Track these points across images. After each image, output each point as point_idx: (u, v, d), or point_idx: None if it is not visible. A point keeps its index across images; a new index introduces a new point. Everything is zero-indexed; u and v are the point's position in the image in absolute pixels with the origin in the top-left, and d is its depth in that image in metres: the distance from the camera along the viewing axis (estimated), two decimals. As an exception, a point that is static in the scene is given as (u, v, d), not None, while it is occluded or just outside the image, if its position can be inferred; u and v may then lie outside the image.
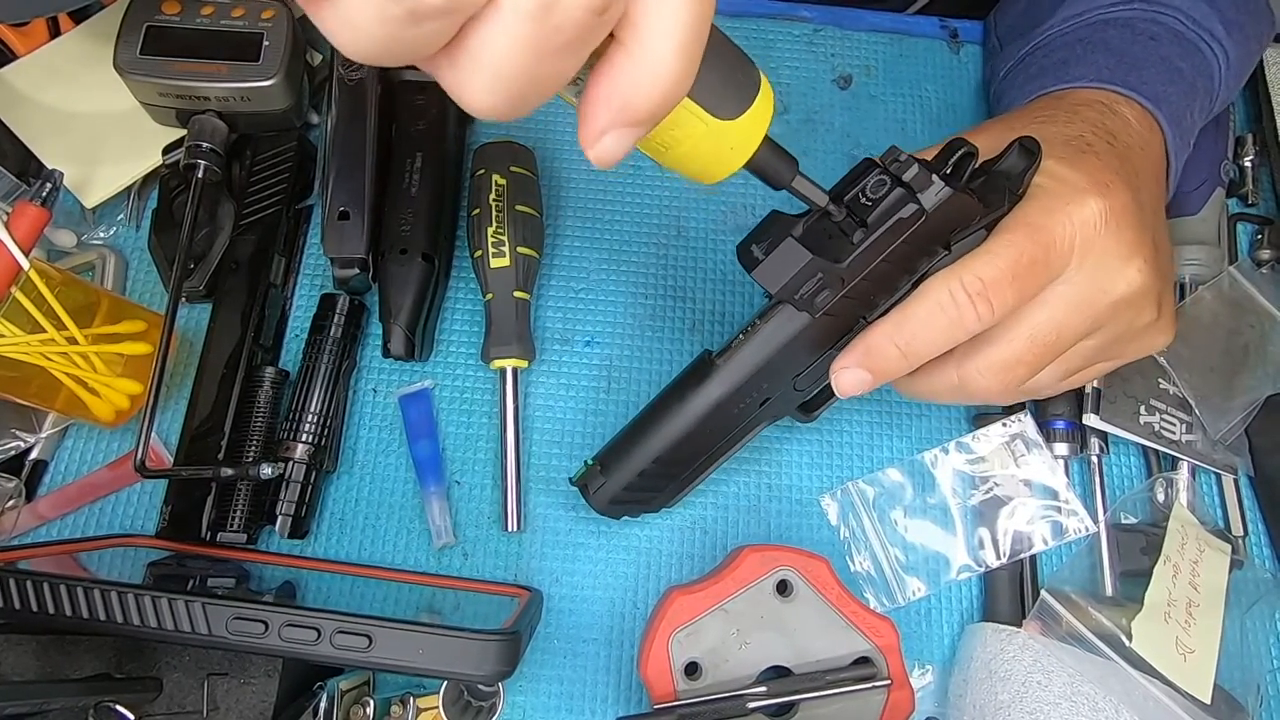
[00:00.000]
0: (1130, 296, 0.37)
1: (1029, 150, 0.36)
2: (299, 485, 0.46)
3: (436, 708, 0.41)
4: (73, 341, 0.42)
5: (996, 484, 0.49)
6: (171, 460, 0.47)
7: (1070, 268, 0.36)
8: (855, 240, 0.34)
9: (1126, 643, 0.42)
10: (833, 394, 0.39)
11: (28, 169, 0.50)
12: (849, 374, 0.37)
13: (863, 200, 0.34)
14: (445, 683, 0.41)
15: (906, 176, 0.34)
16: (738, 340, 0.38)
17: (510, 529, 0.47)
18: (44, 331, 0.41)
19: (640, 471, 0.41)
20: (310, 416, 0.46)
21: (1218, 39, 0.46)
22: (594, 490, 0.42)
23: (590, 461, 0.42)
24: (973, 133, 0.41)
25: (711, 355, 0.39)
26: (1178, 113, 0.44)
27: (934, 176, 0.34)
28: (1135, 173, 0.39)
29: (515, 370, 0.48)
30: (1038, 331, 0.36)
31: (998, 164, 0.37)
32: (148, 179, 0.52)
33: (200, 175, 0.47)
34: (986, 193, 0.36)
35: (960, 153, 0.35)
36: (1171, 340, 0.41)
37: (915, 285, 0.36)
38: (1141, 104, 0.43)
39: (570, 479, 0.44)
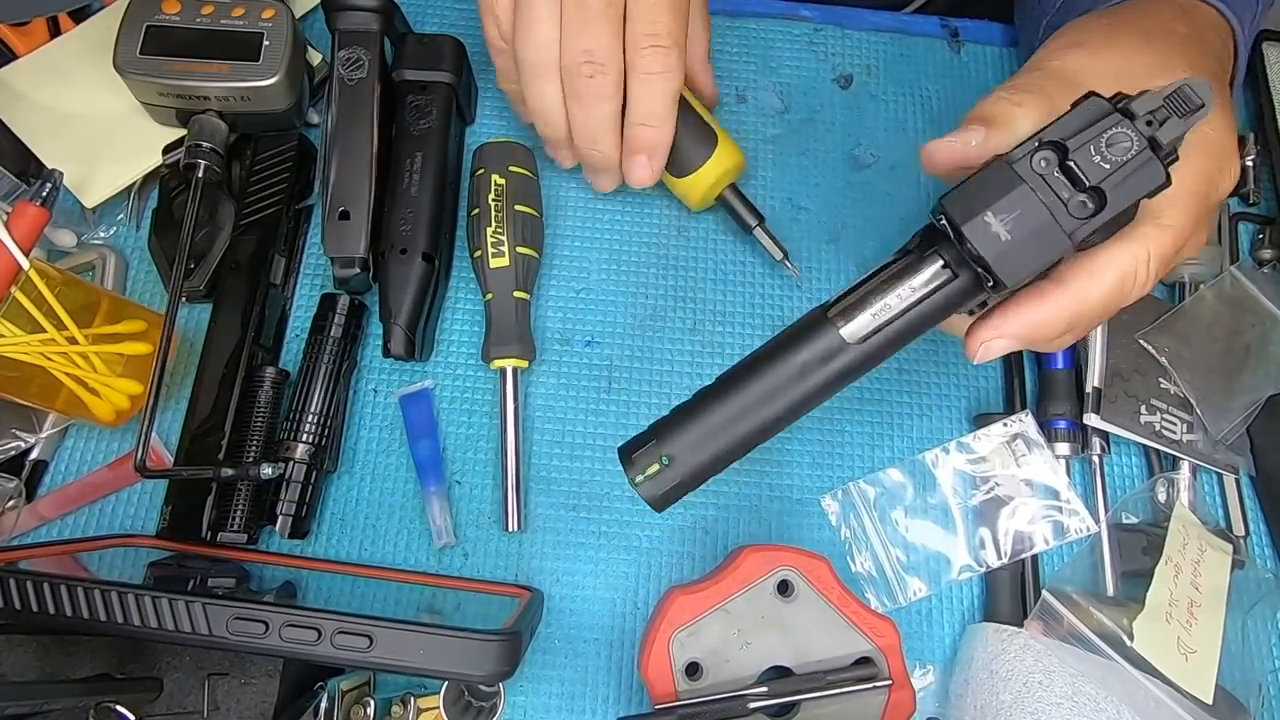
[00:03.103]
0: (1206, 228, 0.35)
1: (1193, 103, 0.28)
2: (299, 485, 0.46)
3: (437, 708, 0.41)
4: (73, 341, 0.42)
5: (997, 484, 0.49)
6: (172, 460, 0.47)
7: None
8: (1082, 214, 0.27)
9: (1128, 643, 0.42)
10: None
11: (28, 169, 0.50)
12: (1000, 344, 0.32)
13: (1097, 158, 0.27)
14: (446, 683, 0.41)
15: (1163, 137, 0.27)
16: (872, 304, 0.31)
17: (511, 529, 0.47)
18: (44, 331, 0.41)
19: (720, 462, 0.33)
20: (310, 416, 0.46)
21: None
22: (661, 487, 0.33)
23: (664, 459, 0.33)
24: (1089, 56, 0.36)
25: (831, 318, 0.31)
26: (1241, 16, 0.41)
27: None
28: (1228, 91, 0.37)
29: (515, 370, 0.48)
30: (1129, 300, 0.33)
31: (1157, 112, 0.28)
32: (148, 179, 0.52)
33: (200, 175, 0.47)
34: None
35: (1199, 104, 0.27)
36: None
37: None
38: (1226, 17, 0.40)
39: (630, 476, 0.34)
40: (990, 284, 0.29)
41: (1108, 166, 0.27)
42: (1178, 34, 0.37)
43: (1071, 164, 0.27)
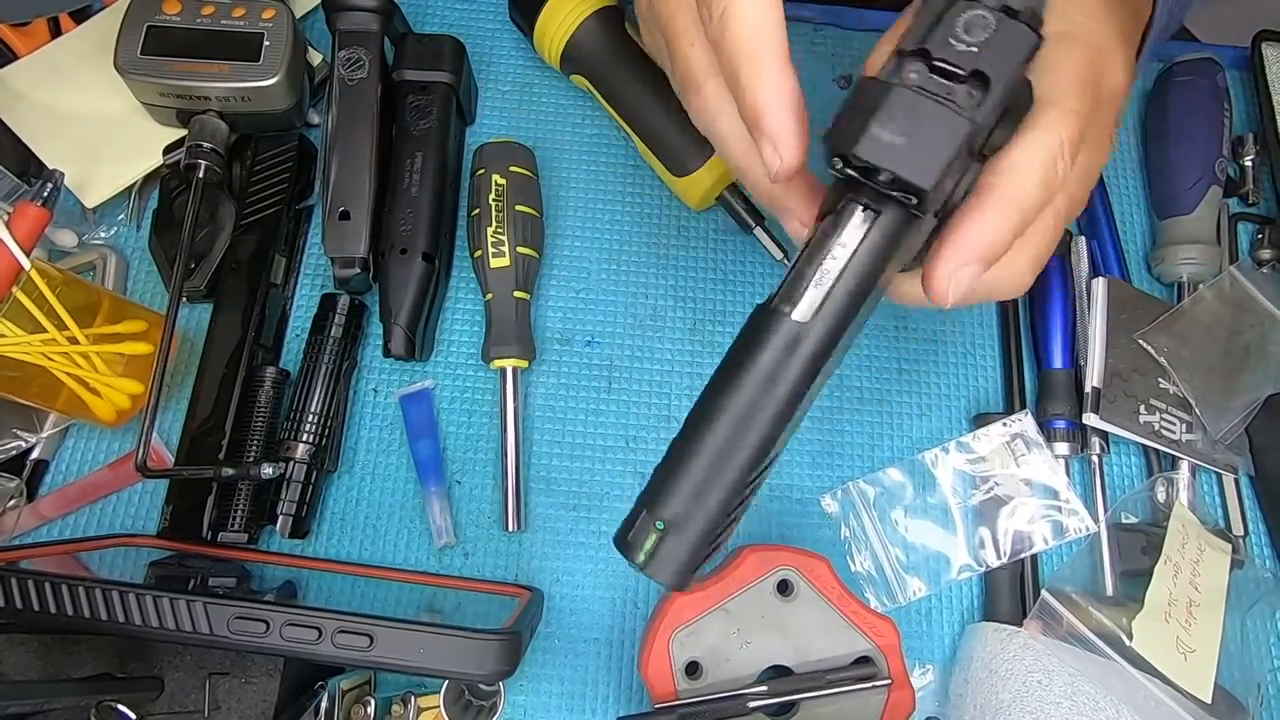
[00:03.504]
0: (1099, 171, 0.34)
1: None
2: (300, 485, 0.46)
3: (437, 707, 0.41)
4: (74, 341, 0.42)
5: (997, 483, 0.49)
6: (172, 460, 0.47)
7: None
8: (976, 102, 0.26)
9: (1127, 642, 0.42)
10: None
11: (28, 169, 0.50)
12: (967, 272, 0.29)
13: (960, 46, 0.26)
14: (446, 682, 0.41)
15: (1015, 2, 0.25)
16: (813, 276, 0.28)
17: (511, 529, 0.47)
18: (45, 331, 0.41)
19: (729, 507, 0.28)
20: (311, 416, 0.47)
21: None
22: (674, 560, 0.28)
23: (659, 525, 0.28)
24: None
25: (776, 307, 0.28)
26: None
27: None
28: (1137, 37, 0.36)
29: (515, 370, 0.48)
30: (1063, 213, 0.32)
31: None
32: (148, 179, 0.52)
33: (201, 175, 0.47)
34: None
35: None
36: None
37: (978, 157, 0.29)
38: None
39: (632, 562, 0.28)
40: (914, 202, 0.27)
41: (976, 50, 0.26)
42: None
43: (939, 62, 0.26)
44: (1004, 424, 0.49)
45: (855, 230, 0.28)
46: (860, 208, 0.28)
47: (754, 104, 0.30)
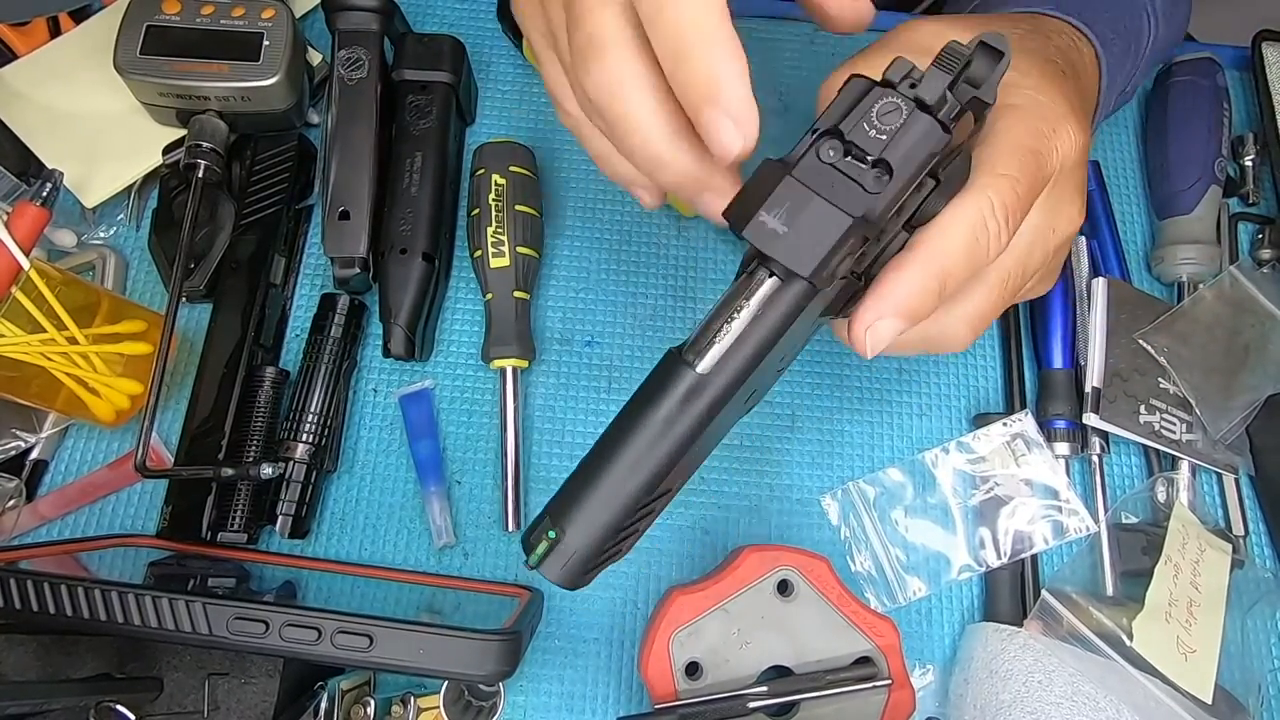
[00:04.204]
0: (1068, 237, 0.35)
1: (995, 50, 0.29)
2: (299, 485, 0.46)
3: (437, 707, 0.41)
4: (73, 341, 0.42)
5: (997, 483, 0.49)
6: (172, 460, 0.47)
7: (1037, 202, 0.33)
8: (878, 188, 0.27)
9: (1127, 642, 0.42)
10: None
11: (28, 169, 0.50)
12: (884, 325, 0.31)
13: (872, 132, 0.27)
14: (446, 682, 0.41)
15: (926, 95, 0.27)
16: (719, 332, 0.29)
17: (511, 529, 0.47)
18: (44, 331, 0.41)
19: (618, 529, 0.30)
20: (310, 416, 0.46)
21: (1156, 13, 0.45)
22: (560, 565, 0.30)
23: (551, 535, 0.30)
24: (938, 22, 0.37)
25: (684, 357, 0.30)
26: (1113, 69, 0.42)
27: (947, 91, 0.27)
28: (1088, 113, 0.38)
29: (515, 370, 0.48)
30: (1010, 274, 0.33)
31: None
32: (148, 179, 0.52)
33: (200, 175, 0.47)
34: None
35: (967, 60, 0.28)
36: (1049, 286, 0.39)
37: (907, 226, 0.31)
38: (1096, 50, 0.41)
39: (526, 559, 0.31)
40: (810, 281, 0.28)
41: (884, 137, 0.27)
42: (1050, 48, 0.38)
43: (851, 144, 0.27)
44: (1004, 424, 0.49)
45: (761, 293, 0.29)
46: (768, 273, 0.29)
47: (709, 76, 0.28)
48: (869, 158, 0.27)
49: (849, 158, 0.27)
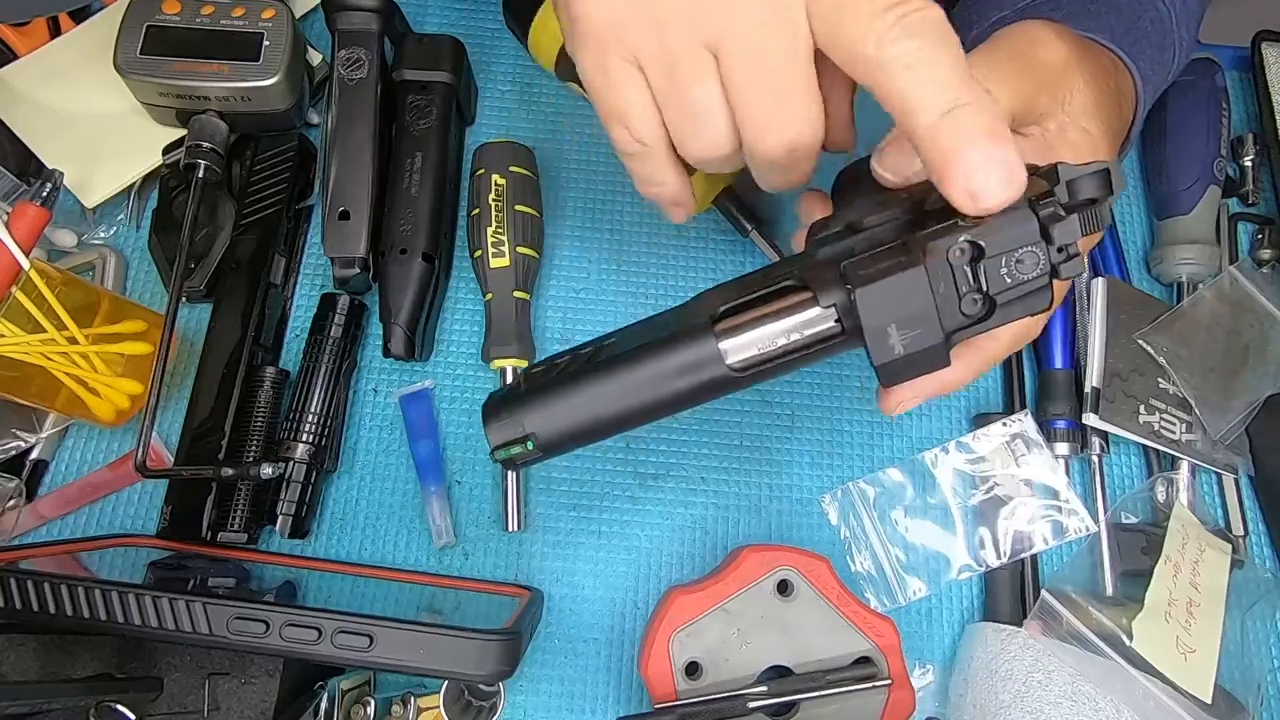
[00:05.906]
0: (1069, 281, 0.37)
1: (1108, 183, 0.27)
2: (299, 485, 0.46)
3: (437, 707, 0.41)
4: (73, 341, 0.42)
5: (997, 484, 0.49)
6: (172, 460, 0.47)
7: None
8: (970, 315, 0.27)
9: (1127, 642, 0.42)
10: None
11: (28, 169, 0.50)
12: (914, 402, 0.36)
13: (1004, 270, 0.27)
14: (446, 682, 0.41)
15: (1058, 238, 0.26)
16: (760, 335, 0.30)
17: (510, 529, 0.47)
18: (44, 331, 0.41)
19: (583, 445, 0.33)
20: (310, 416, 0.46)
21: (1182, 43, 0.44)
22: (516, 466, 0.34)
23: (529, 444, 0.33)
24: (1017, 65, 0.36)
25: (717, 330, 0.30)
26: (1146, 101, 0.42)
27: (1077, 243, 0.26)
28: (1119, 146, 0.40)
29: (515, 370, 0.48)
30: (1021, 329, 0.36)
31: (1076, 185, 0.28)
32: (148, 179, 0.52)
33: (200, 175, 0.47)
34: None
35: (1085, 199, 0.27)
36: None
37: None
38: (1137, 87, 0.41)
39: (492, 450, 0.34)
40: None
41: (1009, 281, 0.27)
42: (1109, 88, 0.39)
43: (981, 268, 0.27)
44: (1004, 424, 0.49)
45: (818, 328, 0.29)
46: (835, 315, 0.29)
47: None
48: (985, 288, 0.27)
49: (968, 268, 0.27)
